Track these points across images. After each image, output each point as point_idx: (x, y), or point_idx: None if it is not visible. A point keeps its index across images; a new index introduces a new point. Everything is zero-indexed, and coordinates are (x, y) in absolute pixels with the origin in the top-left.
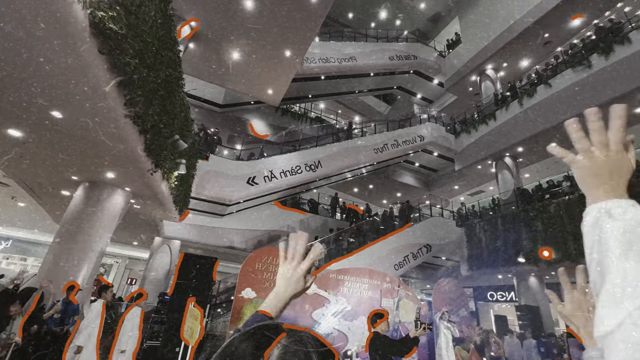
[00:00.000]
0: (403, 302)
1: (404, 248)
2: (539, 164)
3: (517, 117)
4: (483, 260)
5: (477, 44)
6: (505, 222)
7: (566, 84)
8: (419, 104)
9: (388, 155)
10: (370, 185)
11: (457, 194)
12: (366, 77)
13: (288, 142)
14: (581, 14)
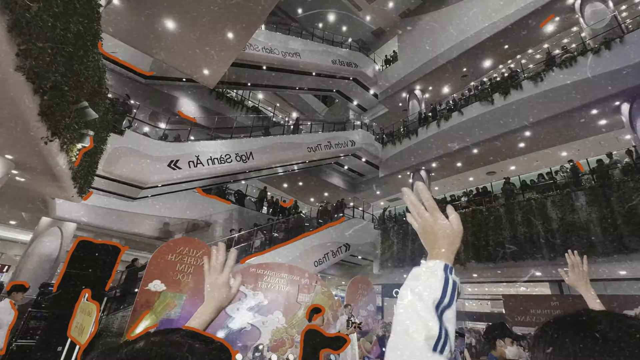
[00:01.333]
0: (319, 298)
1: (326, 246)
2: (446, 179)
3: (434, 136)
4: (393, 260)
5: (409, 65)
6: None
7: (474, 114)
8: (354, 111)
9: (320, 155)
10: (300, 182)
11: (378, 199)
12: (308, 75)
13: (220, 128)
14: (491, 58)
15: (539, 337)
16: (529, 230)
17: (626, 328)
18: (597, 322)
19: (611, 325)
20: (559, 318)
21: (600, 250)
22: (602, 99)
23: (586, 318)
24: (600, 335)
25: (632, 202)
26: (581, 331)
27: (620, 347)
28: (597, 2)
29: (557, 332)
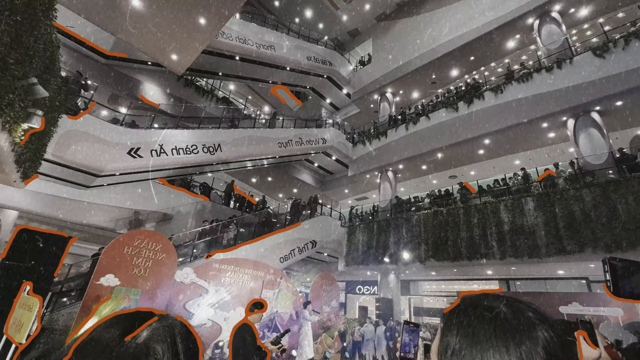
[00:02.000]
0: (282, 294)
1: (292, 242)
2: (412, 181)
3: (402, 138)
4: (358, 258)
5: (382, 68)
6: (380, 226)
7: (440, 120)
8: (327, 109)
9: (291, 151)
10: (269, 177)
11: (346, 197)
12: (282, 70)
13: (187, 117)
14: (458, 68)
15: (449, 318)
16: (483, 231)
17: (518, 309)
18: (496, 305)
19: (508, 307)
20: (466, 301)
21: (543, 252)
22: (552, 114)
23: (487, 302)
24: (498, 315)
25: (571, 209)
26: (486, 314)
27: (512, 324)
28: (553, 24)
29: (466, 317)
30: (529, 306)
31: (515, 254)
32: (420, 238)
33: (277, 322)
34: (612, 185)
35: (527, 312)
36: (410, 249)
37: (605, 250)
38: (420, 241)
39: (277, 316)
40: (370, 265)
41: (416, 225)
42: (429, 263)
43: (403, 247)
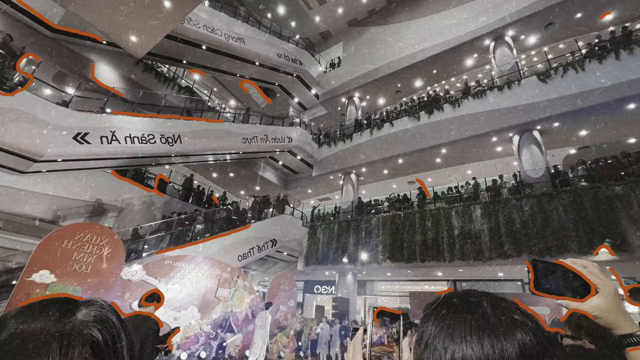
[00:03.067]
0: (239, 293)
1: (252, 240)
2: (373, 184)
3: (366, 143)
4: (317, 258)
5: (351, 73)
6: (341, 227)
7: (403, 127)
8: (295, 108)
9: (256, 148)
10: (231, 173)
11: (310, 197)
12: (251, 64)
13: (145, 104)
14: (422, 79)
15: (428, 315)
16: (436, 235)
17: (501, 307)
18: (479, 300)
19: (490, 304)
20: (448, 297)
21: (487, 255)
22: (501, 130)
23: (470, 297)
24: (477, 310)
25: (512, 217)
26: (465, 309)
27: (490, 321)
28: (506, 48)
29: (445, 310)
30: (515, 307)
31: (462, 257)
32: (378, 240)
33: (232, 322)
34: (546, 197)
35: (510, 312)
36: (369, 249)
37: (538, 254)
38: (378, 243)
39: (232, 316)
40: (329, 265)
41: (375, 227)
42: (385, 264)
43: (362, 248)
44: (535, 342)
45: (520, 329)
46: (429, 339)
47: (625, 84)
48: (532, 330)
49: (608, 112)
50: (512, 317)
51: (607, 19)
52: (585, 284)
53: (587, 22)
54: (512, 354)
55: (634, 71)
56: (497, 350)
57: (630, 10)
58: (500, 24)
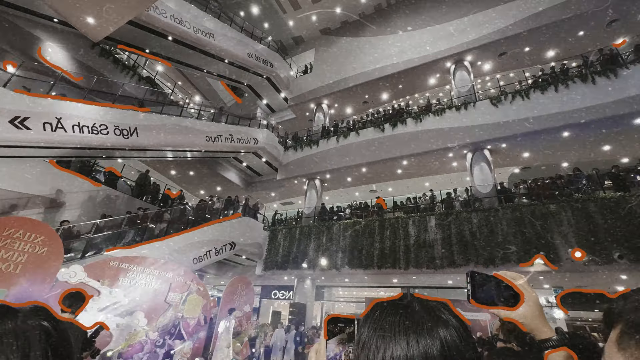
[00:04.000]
0: (192, 297)
1: (209, 242)
2: (337, 191)
3: (332, 150)
4: (277, 262)
5: (321, 80)
6: (302, 232)
7: (368, 137)
8: (263, 109)
9: (220, 147)
10: (191, 171)
11: (272, 201)
12: (220, 61)
13: (99, 91)
14: (388, 92)
15: (367, 317)
16: (393, 243)
17: (429, 307)
18: (407, 302)
19: (420, 304)
20: (380, 303)
21: (439, 264)
22: (456, 147)
23: (403, 299)
24: (407, 310)
25: (463, 229)
26: (397, 310)
27: (416, 320)
28: (464, 71)
29: (379, 312)
30: (443, 306)
31: (417, 265)
32: (338, 246)
33: (182, 328)
34: (492, 211)
35: (437, 312)
36: (329, 255)
37: (484, 264)
38: (338, 249)
39: (183, 322)
40: (288, 270)
41: (336, 233)
42: (344, 270)
43: (322, 254)
44: (456, 339)
45: (443, 327)
46: (365, 340)
47: (562, 114)
48: (454, 328)
49: (547, 137)
50: (438, 316)
51: (550, 55)
52: (515, 294)
53: (533, 56)
54: (433, 350)
55: (568, 103)
56: (421, 347)
57: (568, 49)
58: (460, 49)
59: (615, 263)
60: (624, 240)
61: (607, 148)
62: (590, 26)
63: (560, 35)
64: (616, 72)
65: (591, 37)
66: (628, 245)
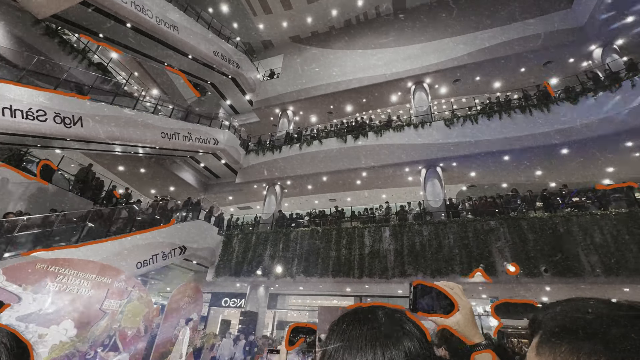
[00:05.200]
0: (132, 305)
1: (157, 245)
2: (296, 198)
3: (295, 156)
4: (230, 269)
5: (288, 86)
6: (259, 238)
7: (330, 147)
8: (226, 110)
9: (176, 145)
10: (142, 168)
11: (229, 204)
12: (183, 56)
13: (38, 73)
14: (353, 105)
15: (332, 330)
16: (349, 252)
17: (395, 319)
18: (373, 314)
19: (386, 316)
20: (346, 314)
21: (391, 274)
22: (412, 162)
23: (370, 310)
24: (374, 322)
25: (414, 240)
26: (364, 322)
27: (382, 332)
28: (423, 92)
29: (345, 325)
30: (407, 319)
31: (370, 274)
32: (295, 253)
33: (118, 339)
34: (441, 225)
35: (401, 323)
36: (284, 263)
37: (431, 275)
38: (295, 256)
39: (120, 332)
40: (242, 277)
41: (293, 240)
42: (299, 278)
43: (278, 261)
44: (419, 349)
45: (408, 338)
46: (332, 352)
47: (504, 140)
48: (417, 338)
49: (491, 160)
50: (403, 327)
51: (497, 85)
52: (452, 303)
53: (483, 86)
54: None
55: (510, 131)
56: (387, 358)
57: (511, 82)
58: (420, 71)
59: (542, 276)
60: (548, 256)
61: (539, 173)
62: (530, 64)
63: (505, 70)
64: (549, 106)
65: (530, 74)
66: (552, 260)
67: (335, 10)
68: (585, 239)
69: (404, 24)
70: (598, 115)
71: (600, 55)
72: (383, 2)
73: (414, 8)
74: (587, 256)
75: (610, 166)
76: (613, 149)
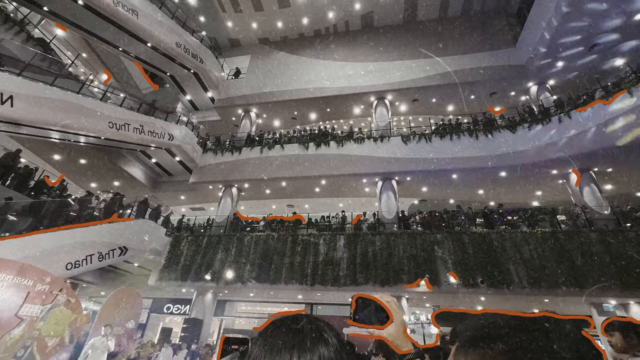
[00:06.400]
0: (58, 311)
1: (93, 245)
2: (254, 202)
3: (255, 159)
4: (177, 273)
5: (253, 88)
6: (210, 241)
7: (292, 153)
8: (185, 105)
9: (125, 137)
10: (82, 159)
11: (181, 204)
12: (142, 43)
13: None
14: (317, 113)
15: (261, 334)
16: (303, 259)
17: (316, 327)
18: (297, 322)
19: (308, 323)
20: (276, 322)
21: (342, 282)
22: (370, 174)
23: (294, 319)
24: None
25: (367, 250)
26: (287, 329)
27: (301, 338)
28: (384, 108)
29: (270, 330)
30: (328, 327)
31: (322, 282)
32: (247, 259)
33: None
34: (393, 236)
35: (321, 331)
36: (236, 268)
37: (380, 284)
38: (247, 262)
39: (38, 341)
40: (189, 281)
41: (247, 245)
42: (250, 284)
43: (229, 266)
44: (333, 355)
45: (324, 345)
46: (256, 355)
47: (453, 160)
48: (333, 345)
49: (441, 177)
50: (322, 335)
51: (450, 109)
52: (388, 315)
53: (438, 107)
54: None
55: (458, 152)
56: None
57: (462, 107)
58: (383, 88)
59: (478, 287)
60: (485, 268)
61: (481, 192)
62: (478, 93)
63: (458, 95)
64: (492, 132)
65: (479, 101)
66: (487, 273)
67: (306, 19)
68: (516, 254)
69: (371, 41)
70: (531, 144)
71: (536, 92)
72: (353, 18)
73: (381, 27)
74: (517, 269)
75: (539, 190)
76: (542, 175)
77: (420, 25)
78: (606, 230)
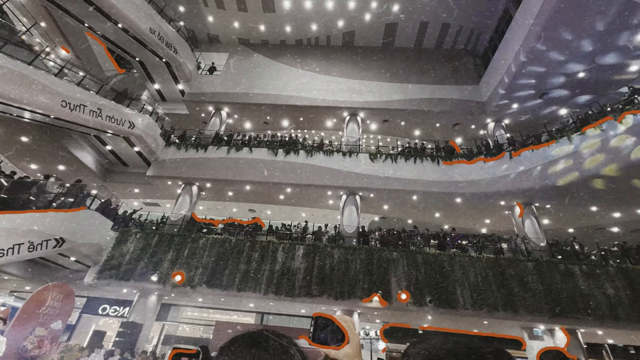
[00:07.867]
0: None
1: (23, 233)
2: (214, 202)
3: (221, 159)
4: (119, 271)
5: (227, 87)
6: (162, 240)
7: (260, 157)
8: (152, 94)
9: (79, 119)
10: (24, 136)
11: (134, 197)
12: (112, 22)
13: None
14: (289, 120)
15: (223, 350)
16: (259, 266)
17: (279, 341)
18: (263, 339)
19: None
20: (238, 337)
21: (297, 292)
22: (335, 187)
23: (259, 334)
24: (260, 345)
25: (325, 262)
26: (253, 346)
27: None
28: (355, 124)
29: (236, 346)
30: (294, 344)
31: (277, 291)
32: (200, 262)
33: None
34: (351, 250)
35: (287, 349)
36: (187, 271)
37: (335, 297)
38: (200, 265)
39: None
40: (131, 281)
41: (201, 247)
42: (200, 288)
43: (178, 268)
44: None
45: None
46: None
47: (415, 182)
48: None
49: (402, 197)
50: (287, 352)
51: (416, 133)
52: (344, 336)
53: (406, 130)
54: None
55: (420, 175)
56: None
57: (428, 133)
58: (356, 105)
59: (426, 305)
60: (434, 288)
61: (437, 215)
62: (443, 122)
63: (424, 122)
64: (452, 160)
65: (443, 130)
66: (436, 293)
67: (289, 27)
68: (463, 277)
69: (349, 58)
70: (485, 176)
71: (493, 128)
72: (335, 34)
73: (360, 47)
74: (462, 292)
75: (487, 218)
76: (491, 204)
77: (396, 52)
78: (541, 261)
